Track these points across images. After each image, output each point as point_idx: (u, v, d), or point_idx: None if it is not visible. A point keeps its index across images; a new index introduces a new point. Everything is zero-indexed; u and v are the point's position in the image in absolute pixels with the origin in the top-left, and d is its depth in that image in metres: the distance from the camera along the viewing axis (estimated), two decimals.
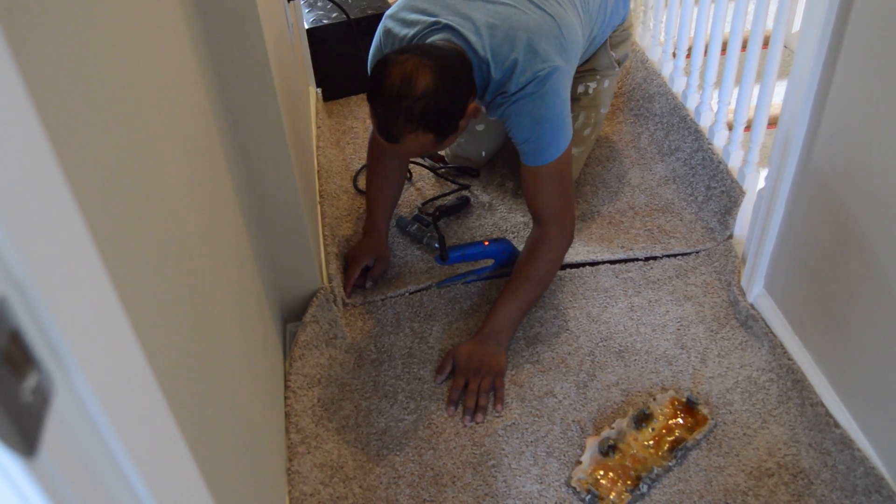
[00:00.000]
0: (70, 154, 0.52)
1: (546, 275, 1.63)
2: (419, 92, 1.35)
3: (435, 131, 1.40)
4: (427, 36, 1.52)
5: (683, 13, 1.99)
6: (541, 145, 1.53)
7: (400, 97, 1.35)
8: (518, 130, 1.53)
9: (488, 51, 1.47)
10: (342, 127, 2.30)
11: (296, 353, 1.50)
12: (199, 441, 0.73)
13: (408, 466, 1.40)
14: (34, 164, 0.38)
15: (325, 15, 2.33)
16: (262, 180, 1.39)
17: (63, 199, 0.41)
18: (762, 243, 1.56)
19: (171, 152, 0.86)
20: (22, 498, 0.36)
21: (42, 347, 0.37)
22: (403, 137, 1.39)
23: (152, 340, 0.63)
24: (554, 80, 1.49)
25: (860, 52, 1.22)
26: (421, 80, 1.35)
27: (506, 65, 1.47)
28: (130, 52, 0.76)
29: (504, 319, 1.58)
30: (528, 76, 1.47)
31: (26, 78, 0.39)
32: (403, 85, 1.35)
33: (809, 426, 1.40)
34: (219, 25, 1.19)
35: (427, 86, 1.35)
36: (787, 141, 1.43)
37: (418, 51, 1.39)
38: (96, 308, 0.43)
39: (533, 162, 1.55)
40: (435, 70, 1.36)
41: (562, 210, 1.60)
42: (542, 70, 1.47)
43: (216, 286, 0.99)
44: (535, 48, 1.47)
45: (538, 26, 1.50)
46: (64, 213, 0.41)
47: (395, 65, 1.36)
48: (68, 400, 0.39)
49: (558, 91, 1.51)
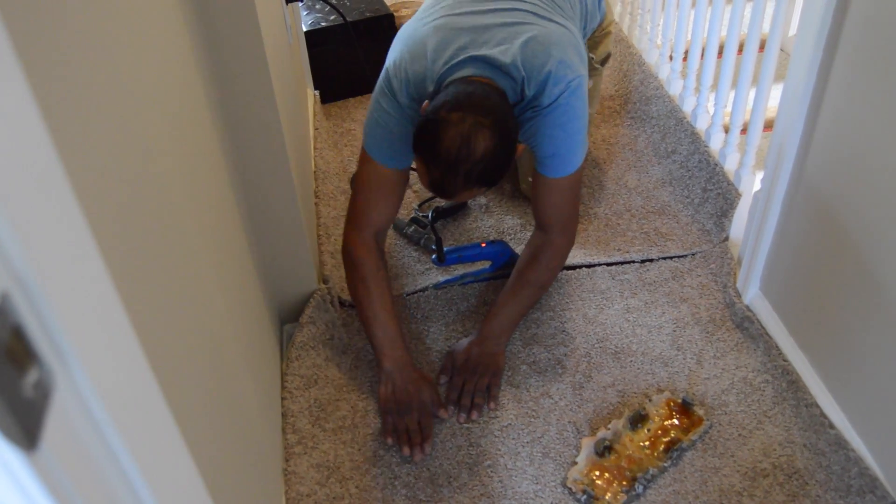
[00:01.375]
0: (71, 152, 0.53)
1: (547, 281, 1.64)
2: (479, 156, 1.29)
3: (489, 185, 1.37)
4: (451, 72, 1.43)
5: (680, 16, 2.00)
6: (567, 158, 1.50)
7: (459, 161, 1.29)
8: (548, 144, 1.48)
9: (522, 69, 1.42)
10: (340, 129, 2.30)
11: (292, 354, 1.50)
12: (196, 439, 0.74)
13: (404, 467, 1.41)
14: (37, 162, 0.39)
15: (323, 17, 2.34)
16: (260, 182, 1.40)
17: (65, 196, 0.41)
18: (758, 245, 1.57)
19: (170, 153, 0.87)
20: (22, 491, 0.36)
21: (43, 343, 0.37)
22: (458, 194, 1.36)
23: (151, 339, 0.64)
24: (583, 89, 1.47)
25: (855, 56, 1.23)
26: (481, 142, 1.29)
27: (540, 78, 1.43)
28: (130, 54, 0.76)
29: (503, 321, 1.59)
30: (560, 88, 1.43)
31: (29, 78, 0.40)
32: (463, 148, 1.28)
33: (804, 427, 1.41)
34: (218, 27, 1.19)
35: (486, 148, 1.30)
36: (782, 144, 1.43)
37: (470, 105, 1.31)
38: (97, 305, 0.44)
39: (554, 174, 1.51)
40: (492, 129, 1.30)
41: (571, 220, 1.60)
42: (572, 80, 1.44)
43: (214, 287, 1.00)
44: (564, 59, 1.44)
45: (560, 38, 1.47)
46: (66, 211, 0.41)
47: (451, 126, 1.29)
48: (69, 395, 0.39)
49: (584, 101, 1.49)
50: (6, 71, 0.37)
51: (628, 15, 2.42)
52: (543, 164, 1.51)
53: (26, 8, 0.50)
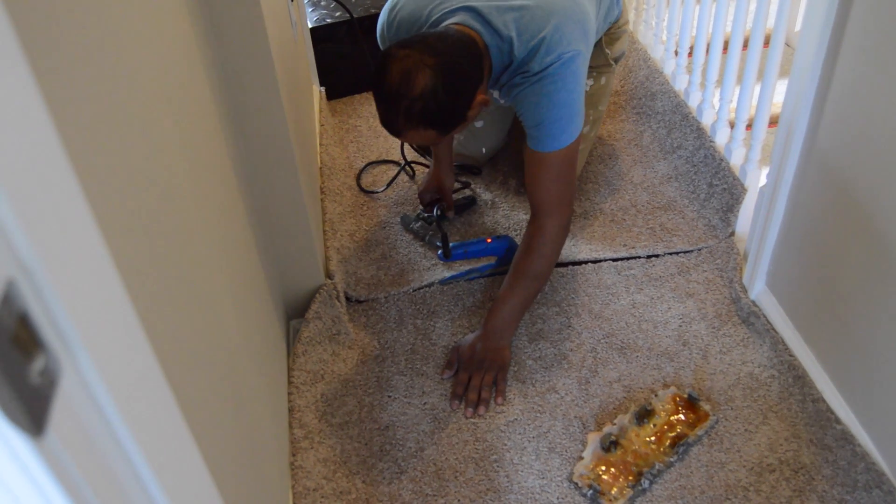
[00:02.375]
0: (77, 143, 0.53)
1: (543, 270, 1.62)
2: (417, 92, 1.33)
3: (436, 127, 1.39)
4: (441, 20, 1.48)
5: (685, 12, 2.00)
6: (553, 131, 1.49)
7: (399, 96, 1.33)
8: (533, 113, 1.49)
9: (513, 29, 1.43)
10: (346, 125, 2.31)
11: (299, 350, 1.51)
12: (202, 431, 0.74)
13: (410, 462, 1.41)
14: (41, 152, 0.39)
15: (328, 14, 2.34)
16: (266, 178, 1.40)
17: (70, 186, 0.42)
18: (764, 240, 1.57)
19: (175, 146, 0.87)
20: (29, 475, 0.37)
21: (49, 331, 0.38)
22: (405, 133, 1.39)
23: (157, 329, 0.64)
24: (577, 64, 1.47)
25: (860, 49, 1.22)
26: (420, 79, 1.32)
27: (532, 43, 1.43)
28: (137, 50, 0.77)
29: (504, 316, 1.58)
30: (552, 57, 1.43)
31: (35, 71, 0.40)
32: (402, 84, 1.33)
33: (810, 422, 1.41)
34: (222, 24, 1.20)
35: (426, 85, 1.33)
36: (788, 139, 1.43)
37: (421, 45, 1.35)
38: (102, 293, 0.44)
39: (541, 148, 1.51)
40: (435, 68, 1.33)
41: (561, 202, 1.58)
42: (567, 53, 1.44)
43: (220, 281, 1.00)
44: (562, 29, 1.44)
45: (565, 9, 1.47)
46: (71, 201, 0.42)
47: (396, 61, 1.34)
48: (74, 382, 0.40)
49: (578, 77, 1.48)
50: (14, 67, 0.37)
51: (633, 10, 2.42)
52: (529, 137, 1.52)
53: (34, 4, 0.50)
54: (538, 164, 1.54)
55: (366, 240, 1.89)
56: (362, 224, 1.94)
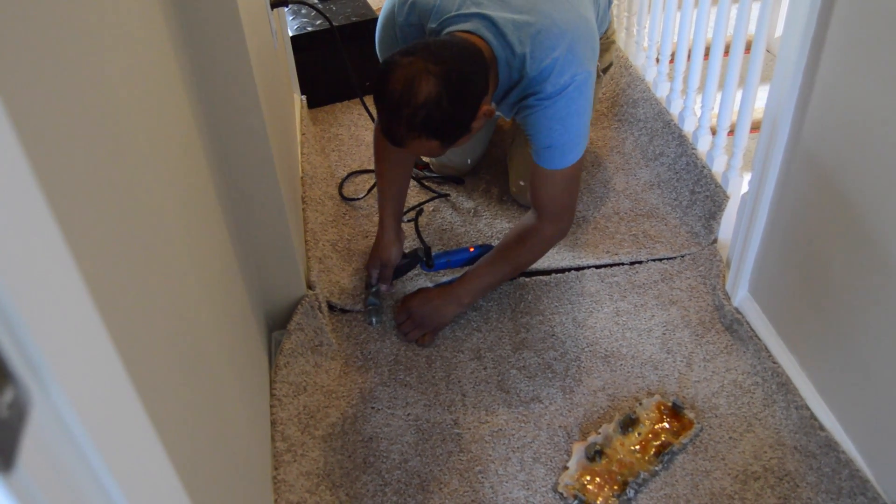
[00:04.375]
0: (45, 159, 0.52)
1: (527, 263, 1.68)
2: (420, 101, 1.28)
3: (440, 138, 1.35)
4: (454, 21, 1.45)
5: (667, 18, 2.00)
6: (563, 152, 1.50)
7: (401, 105, 1.29)
8: (544, 136, 1.48)
9: (527, 46, 1.41)
10: (327, 134, 2.29)
11: (280, 361, 1.49)
12: (181, 451, 0.73)
13: (394, 473, 1.40)
14: (6, 169, 0.38)
15: (309, 22, 2.33)
16: (247, 188, 1.39)
17: (38, 206, 0.40)
18: (746, 247, 1.57)
19: (153, 159, 0.86)
20: None
21: (18, 361, 0.36)
22: (406, 143, 1.35)
23: (133, 351, 0.63)
24: (588, 85, 1.46)
25: (842, 55, 1.23)
26: (423, 87, 1.28)
27: (545, 63, 1.41)
28: (111, 59, 0.75)
29: (474, 287, 1.64)
30: (566, 79, 1.42)
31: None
32: (405, 92, 1.28)
33: (794, 429, 1.41)
34: (201, 33, 1.18)
35: (429, 94, 1.28)
36: (770, 143, 1.43)
37: (426, 53, 1.31)
38: (74, 320, 0.43)
39: (548, 166, 1.52)
40: (440, 77, 1.29)
41: (564, 211, 1.60)
42: (580, 74, 1.43)
43: (199, 294, 0.98)
44: (575, 50, 1.43)
45: (577, 27, 1.45)
46: (39, 222, 0.40)
47: (399, 68, 1.30)
48: (46, 414, 0.38)
49: (589, 96, 1.48)
50: None
51: (615, 17, 2.42)
52: (538, 154, 1.52)
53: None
54: (543, 178, 1.55)
55: (348, 249, 1.88)
56: (344, 233, 1.92)
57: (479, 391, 1.54)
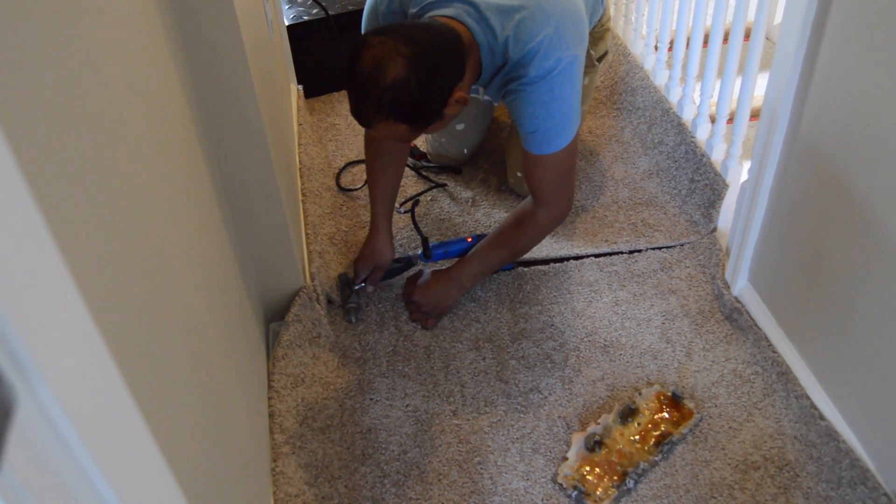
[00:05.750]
0: (31, 150, 0.51)
1: (525, 247, 1.67)
2: (388, 82, 1.26)
3: (408, 122, 1.33)
4: (435, 6, 1.43)
5: (665, 6, 1.99)
6: (550, 136, 1.47)
7: (369, 84, 1.27)
8: (529, 121, 1.46)
9: (510, 30, 1.39)
10: (324, 124, 2.28)
11: (279, 353, 1.48)
12: (176, 446, 0.72)
13: (393, 465, 1.39)
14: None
15: (305, 11, 2.31)
16: (243, 179, 1.38)
17: (22, 197, 0.39)
18: (746, 236, 1.56)
19: (146, 150, 0.85)
20: None
21: (3, 359, 0.36)
22: (374, 124, 1.33)
23: (124, 345, 0.62)
24: (574, 70, 1.44)
25: (842, 42, 1.22)
26: (392, 69, 1.26)
27: (529, 46, 1.39)
28: (103, 50, 0.74)
29: (473, 270, 1.65)
30: (551, 62, 1.40)
31: None
32: (373, 72, 1.27)
33: (795, 419, 1.40)
34: (194, 23, 1.17)
35: (397, 76, 1.26)
36: (769, 133, 1.42)
37: (398, 34, 1.29)
38: (60, 315, 0.42)
39: (539, 151, 1.50)
40: (410, 59, 1.27)
41: (559, 196, 1.58)
42: (565, 58, 1.41)
43: (195, 287, 0.98)
44: (561, 33, 1.40)
45: (564, 11, 1.43)
46: (23, 213, 0.39)
47: (370, 48, 1.28)
48: (32, 412, 0.37)
49: (575, 81, 1.45)
50: None
51: (613, 5, 2.40)
52: (525, 140, 1.51)
53: None
54: (532, 163, 1.54)
55: (345, 241, 1.87)
56: (342, 225, 1.91)
57: (477, 382, 1.53)
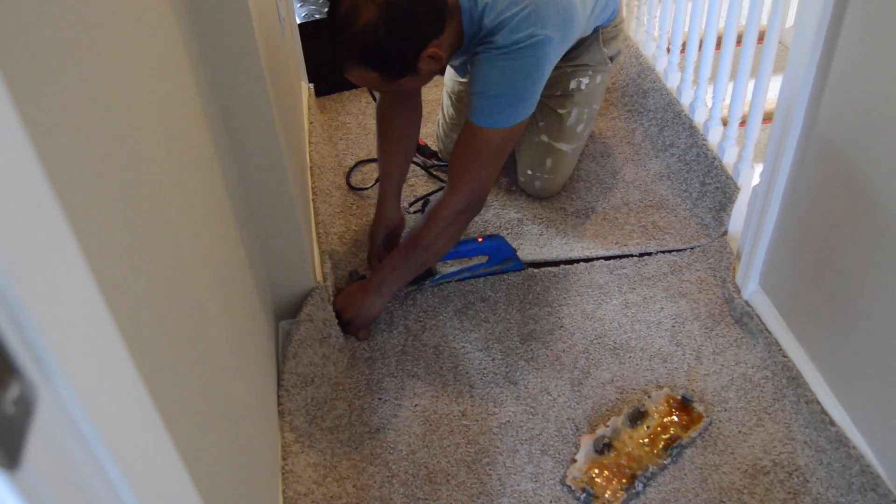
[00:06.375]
0: (52, 147, 0.51)
1: (433, 242, 1.57)
2: (359, 27, 1.32)
3: (378, 70, 1.38)
4: None
5: (678, 8, 1.98)
6: (492, 106, 1.47)
7: (342, 28, 1.34)
8: (481, 81, 1.47)
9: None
10: (335, 123, 2.28)
11: (290, 352, 1.48)
12: (189, 443, 0.72)
13: (401, 465, 1.39)
14: (13, 159, 0.37)
15: (316, 9, 2.31)
16: (254, 177, 1.38)
17: (44, 196, 0.39)
18: (757, 240, 1.56)
19: (160, 148, 0.85)
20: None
21: (24, 355, 0.35)
22: (347, 69, 1.40)
23: (140, 342, 0.62)
24: (545, 50, 1.44)
25: (858, 44, 1.21)
26: (364, 14, 1.32)
27: (504, 16, 1.41)
28: (119, 46, 0.74)
29: (387, 275, 1.59)
30: (521, 35, 1.41)
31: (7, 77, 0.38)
32: (347, 16, 1.33)
33: (805, 424, 1.39)
34: (209, 20, 1.17)
35: (368, 22, 1.32)
36: (782, 136, 1.42)
37: None
38: (81, 311, 0.42)
39: (475, 119, 1.49)
40: (382, 7, 1.32)
41: (470, 180, 1.53)
42: (538, 35, 1.42)
43: (207, 284, 0.98)
44: (540, 12, 1.42)
45: None
46: (45, 211, 0.39)
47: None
48: (53, 409, 0.37)
49: (542, 63, 1.46)
50: None
51: (625, 7, 2.40)
52: (471, 105, 1.49)
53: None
54: (466, 135, 1.52)
55: (355, 241, 1.87)
56: (352, 224, 1.91)
57: (486, 383, 1.53)
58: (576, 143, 1.92)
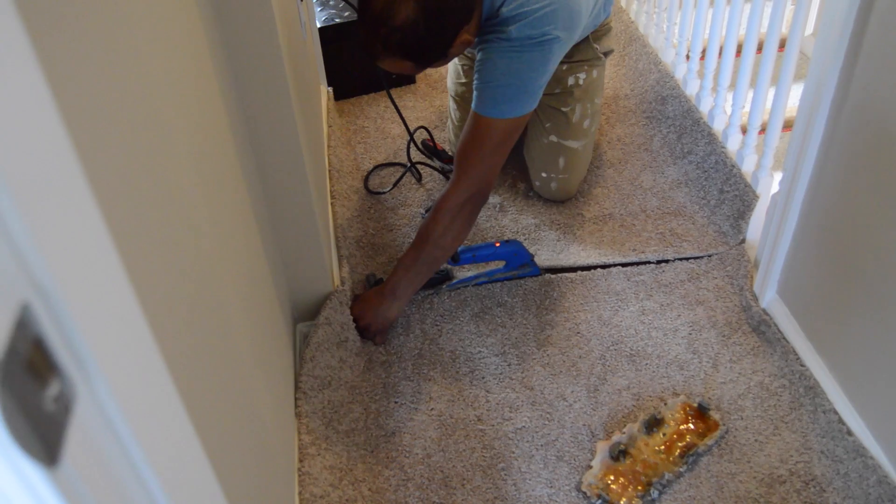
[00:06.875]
0: (90, 157, 0.52)
1: (441, 237, 1.56)
2: (398, 22, 1.34)
3: (414, 60, 1.41)
4: None
5: (698, 15, 1.98)
6: (497, 96, 1.49)
7: (379, 22, 1.35)
8: (487, 71, 1.49)
9: None
10: (353, 126, 2.29)
11: (307, 355, 1.49)
12: (213, 444, 0.73)
13: (417, 469, 1.40)
14: (57, 168, 0.38)
15: (337, 14, 2.33)
16: (275, 180, 1.39)
17: (85, 203, 0.40)
18: (776, 248, 1.55)
19: (186, 153, 0.86)
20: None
21: (65, 354, 0.36)
22: (381, 59, 1.41)
23: (170, 344, 0.63)
24: (553, 49, 1.47)
25: (882, 54, 1.21)
26: (403, 10, 1.33)
27: (523, 9, 1.44)
28: (147, 53, 0.75)
29: (399, 278, 1.59)
30: (535, 32, 1.44)
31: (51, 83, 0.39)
32: (384, 11, 1.34)
33: (822, 433, 1.39)
34: (234, 24, 1.18)
35: (407, 17, 1.33)
36: (802, 145, 1.41)
37: None
38: (118, 313, 0.43)
39: (481, 109, 1.51)
40: (419, 2, 1.33)
41: (474, 170, 1.54)
42: (550, 35, 1.45)
43: (229, 287, 0.99)
44: (558, 13, 1.45)
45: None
46: (86, 218, 0.40)
47: None
48: (90, 407, 0.38)
49: (549, 60, 1.49)
50: (28, 79, 0.36)
51: (644, 13, 2.40)
52: (475, 95, 1.52)
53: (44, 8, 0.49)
54: (470, 125, 1.54)
55: (372, 244, 1.88)
56: (369, 228, 1.92)
57: (502, 387, 1.53)
58: (584, 140, 1.92)
